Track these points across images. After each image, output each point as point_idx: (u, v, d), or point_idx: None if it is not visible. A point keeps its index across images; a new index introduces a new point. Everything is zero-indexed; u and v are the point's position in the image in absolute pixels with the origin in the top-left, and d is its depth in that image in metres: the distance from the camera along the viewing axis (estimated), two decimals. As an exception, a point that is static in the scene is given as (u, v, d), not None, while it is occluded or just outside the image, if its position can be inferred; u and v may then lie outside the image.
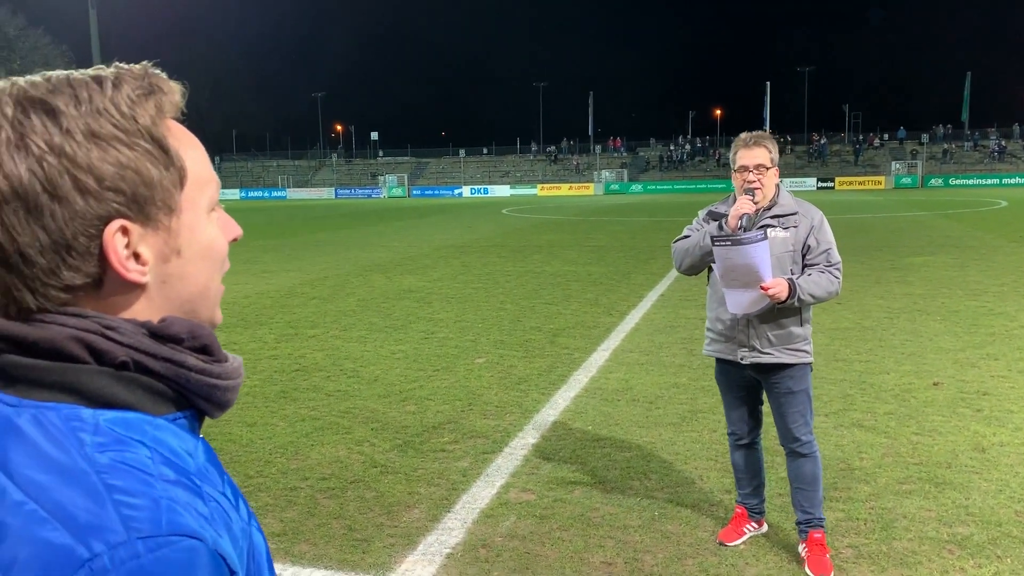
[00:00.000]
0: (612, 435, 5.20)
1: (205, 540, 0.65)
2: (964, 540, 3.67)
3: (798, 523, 3.63)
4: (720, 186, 63.32)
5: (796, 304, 3.40)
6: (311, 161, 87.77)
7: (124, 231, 0.71)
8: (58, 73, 0.73)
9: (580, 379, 6.57)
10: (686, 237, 3.68)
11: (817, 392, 5.97)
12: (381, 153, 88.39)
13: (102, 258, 0.71)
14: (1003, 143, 65.65)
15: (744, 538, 3.74)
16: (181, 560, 0.63)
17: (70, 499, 0.63)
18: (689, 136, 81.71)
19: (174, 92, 0.76)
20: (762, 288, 3.30)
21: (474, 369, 6.96)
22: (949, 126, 71.92)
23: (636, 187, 67.04)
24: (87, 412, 0.69)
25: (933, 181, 60.27)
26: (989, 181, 58.63)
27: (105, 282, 0.72)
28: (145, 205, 0.72)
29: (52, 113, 0.69)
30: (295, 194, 73.30)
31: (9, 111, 0.69)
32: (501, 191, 69.01)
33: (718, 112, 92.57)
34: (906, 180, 60.89)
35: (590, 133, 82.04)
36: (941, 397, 5.84)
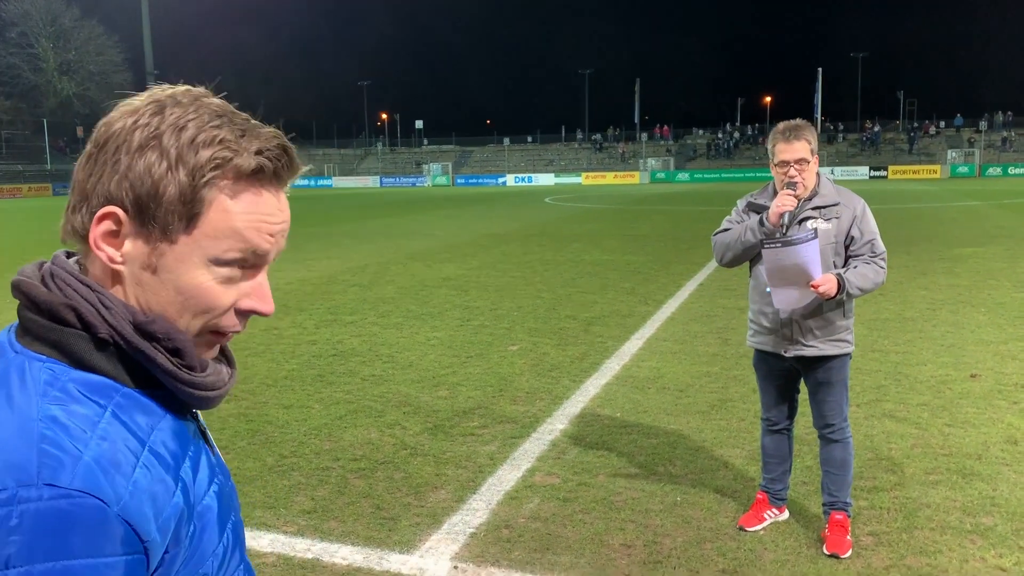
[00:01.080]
0: (640, 422, 5.24)
1: (108, 503, 0.72)
2: (987, 530, 3.65)
3: (824, 505, 3.67)
4: (768, 175, 61.83)
5: (844, 298, 3.40)
6: (356, 150, 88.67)
7: (117, 219, 0.81)
8: (222, 103, 0.85)
9: (612, 367, 6.61)
10: (726, 230, 3.66)
11: (851, 383, 5.92)
12: (426, 142, 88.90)
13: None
14: (1066, 130, 63.36)
15: (764, 524, 3.77)
16: (77, 514, 0.70)
17: (8, 439, 0.73)
18: (738, 123, 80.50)
19: (244, 156, 0.82)
20: (812, 286, 3.30)
21: (507, 356, 7.05)
22: (1009, 113, 69.65)
23: (683, 175, 66.38)
24: (62, 368, 0.79)
25: (991, 170, 58.51)
26: (1050, 170, 56.71)
27: (91, 249, 0.83)
28: (144, 212, 0.81)
29: (161, 111, 0.82)
30: (341, 182, 74.19)
31: (162, 96, 0.84)
32: (545, 180, 68.92)
33: (768, 99, 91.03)
34: (963, 169, 59.26)
35: (636, 121, 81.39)
36: (977, 389, 5.76)
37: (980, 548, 3.50)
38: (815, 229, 3.40)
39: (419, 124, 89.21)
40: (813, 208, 3.49)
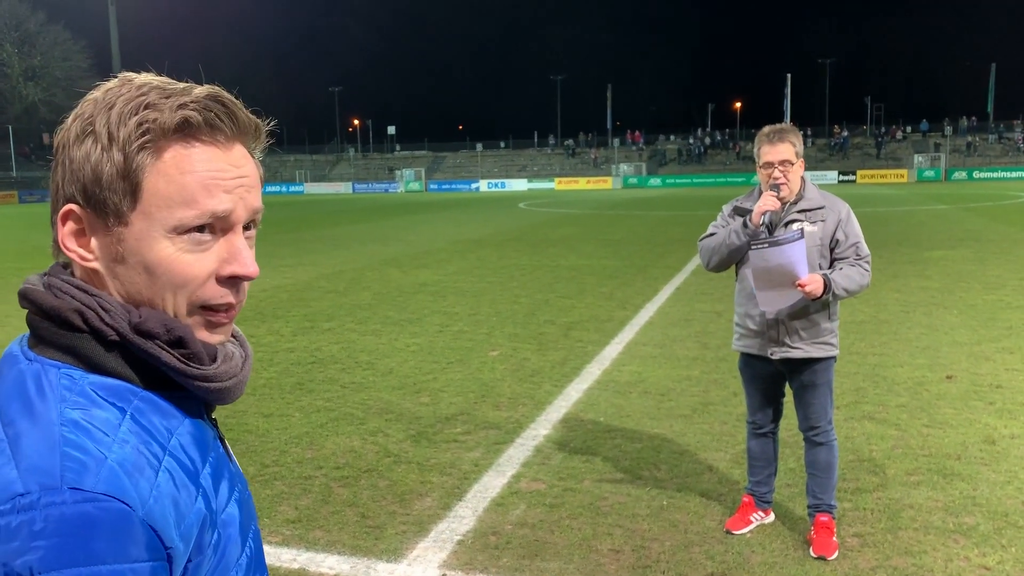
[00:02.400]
0: (623, 427, 5.25)
1: (133, 508, 0.70)
2: (970, 530, 3.69)
3: (808, 507, 3.69)
4: (739, 179, 62.97)
5: (830, 299, 3.43)
6: (328, 156, 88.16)
7: (75, 217, 0.80)
8: (156, 78, 0.82)
9: (593, 372, 6.62)
10: (712, 235, 3.68)
11: (829, 385, 5.99)
12: (398, 147, 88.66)
13: None
14: (1028, 135, 64.73)
15: (751, 527, 3.78)
16: (101, 518, 0.69)
17: (31, 444, 0.71)
18: (709, 129, 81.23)
19: (166, 112, 0.78)
20: (798, 285, 3.32)
21: (488, 361, 7.03)
22: (973, 118, 71.08)
23: (655, 181, 66.83)
24: (79, 374, 0.78)
25: (957, 174, 59.60)
26: (1014, 174, 57.88)
27: None
28: (92, 201, 0.79)
29: (93, 100, 0.81)
30: (312, 189, 73.71)
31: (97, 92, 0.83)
32: (518, 185, 69.02)
33: (738, 105, 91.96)
34: (929, 173, 60.29)
35: (608, 126, 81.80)
36: (954, 390, 5.84)
37: (964, 548, 3.54)
38: (801, 230, 3.43)
39: (391, 130, 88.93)
40: (799, 211, 3.53)
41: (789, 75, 68.20)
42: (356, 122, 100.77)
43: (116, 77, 0.83)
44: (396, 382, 6.41)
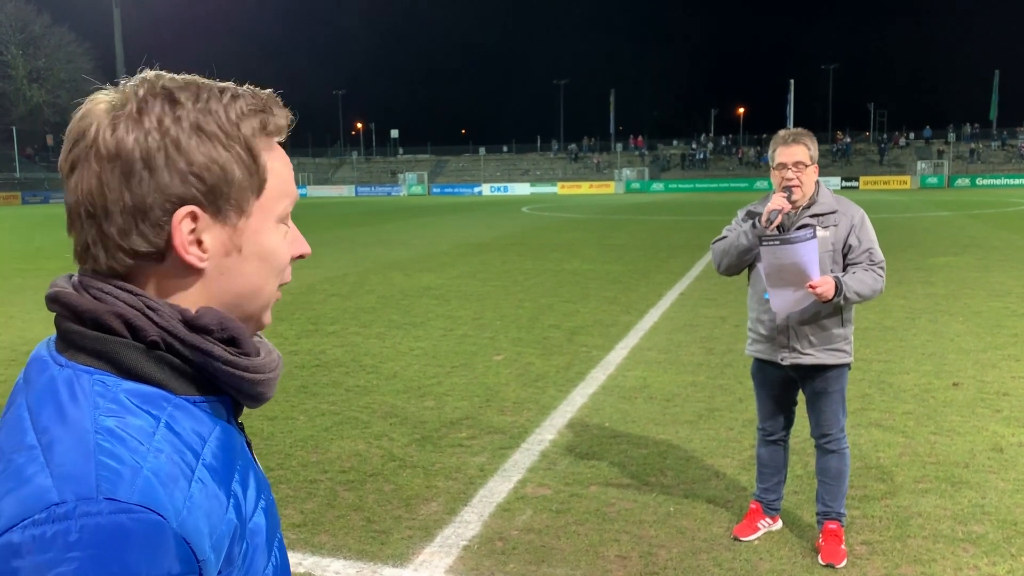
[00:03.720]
0: (629, 432, 5.23)
1: (167, 519, 0.69)
2: (979, 538, 3.67)
3: (817, 514, 3.67)
4: (742, 185, 62.92)
5: (841, 303, 3.39)
6: (331, 159, 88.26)
7: (193, 216, 0.79)
8: (197, 78, 0.84)
9: (598, 377, 6.60)
10: (724, 238, 3.66)
11: (835, 391, 5.96)
12: (401, 151, 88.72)
13: (169, 234, 0.79)
14: (1031, 142, 64.71)
15: (758, 534, 3.76)
16: (136, 530, 0.68)
17: (66, 452, 0.70)
18: (711, 135, 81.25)
19: (281, 117, 0.86)
20: (809, 287, 3.29)
21: (492, 366, 7.01)
22: (976, 125, 71.05)
23: (657, 186, 66.82)
24: (112, 380, 0.76)
25: (959, 181, 59.57)
26: (1017, 181, 57.85)
27: (167, 258, 0.80)
28: (219, 200, 0.80)
29: (173, 102, 0.79)
30: (315, 192, 73.78)
31: (141, 92, 0.80)
32: (521, 189, 69.04)
33: (741, 110, 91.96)
34: (932, 180, 60.25)
35: (611, 131, 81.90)
36: (960, 397, 5.82)
37: (973, 556, 3.51)
38: (814, 229, 3.41)
39: (394, 133, 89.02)
40: (811, 216, 3.51)
41: (792, 81, 68.21)
42: (359, 125, 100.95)
43: (136, 84, 0.80)
44: (401, 386, 6.40)
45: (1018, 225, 20.93)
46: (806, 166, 3.48)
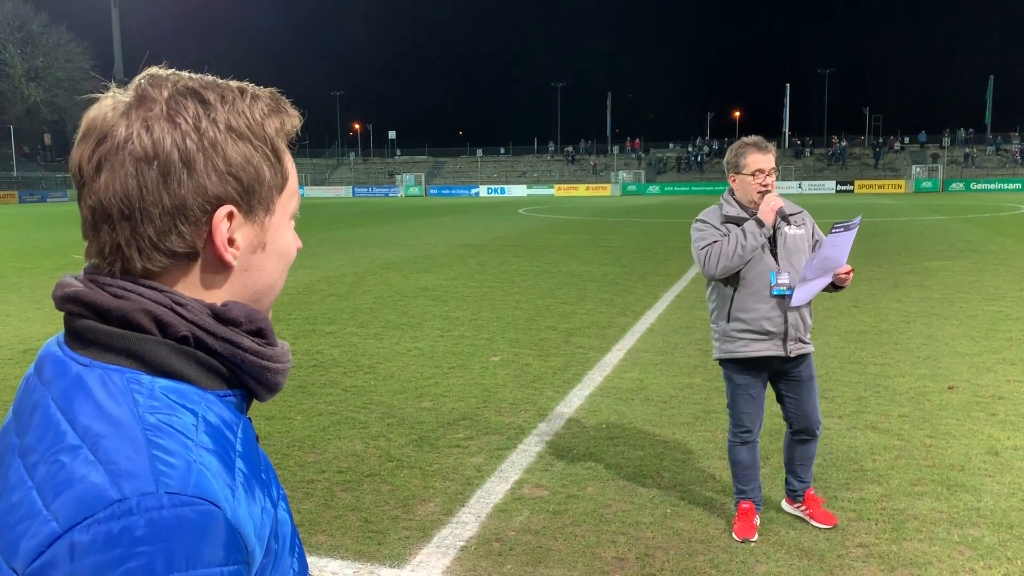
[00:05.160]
0: (625, 434, 5.24)
1: (224, 509, 0.71)
2: (975, 542, 3.68)
3: (792, 490, 3.95)
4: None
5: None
6: (329, 160, 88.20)
7: (230, 216, 0.81)
8: (208, 76, 0.85)
9: (594, 378, 6.61)
10: (714, 242, 3.68)
11: (832, 394, 5.99)
12: (399, 152, 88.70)
13: (207, 234, 0.80)
14: (1026, 147, 64.93)
15: (757, 531, 3.80)
16: (197, 521, 0.69)
17: (116, 448, 0.71)
18: (707, 138, 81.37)
19: (294, 117, 0.88)
20: (846, 273, 3.64)
21: (489, 367, 7.02)
22: (971, 130, 71.26)
23: (653, 188, 66.90)
24: (146, 378, 0.77)
25: (954, 185, 59.73)
26: (1011, 185, 58.03)
27: (201, 257, 0.81)
28: (252, 198, 0.82)
29: (203, 102, 0.80)
30: (313, 192, 73.72)
31: (166, 93, 0.79)
32: (518, 191, 69.07)
33: (737, 114, 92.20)
34: (927, 184, 60.41)
35: (608, 134, 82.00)
36: (956, 401, 5.84)
37: (969, 559, 3.53)
38: (860, 216, 3.75)
39: (392, 135, 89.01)
40: (788, 215, 3.76)
41: (788, 85, 68.43)
42: (357, 126, 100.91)
43: (152, 83, 0.81)
44: (398, 386, 6.40)
45: (1012, 229, 21.01)
46: (775, 171, 3.74)
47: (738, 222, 3.68)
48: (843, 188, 61.54)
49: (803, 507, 3.92)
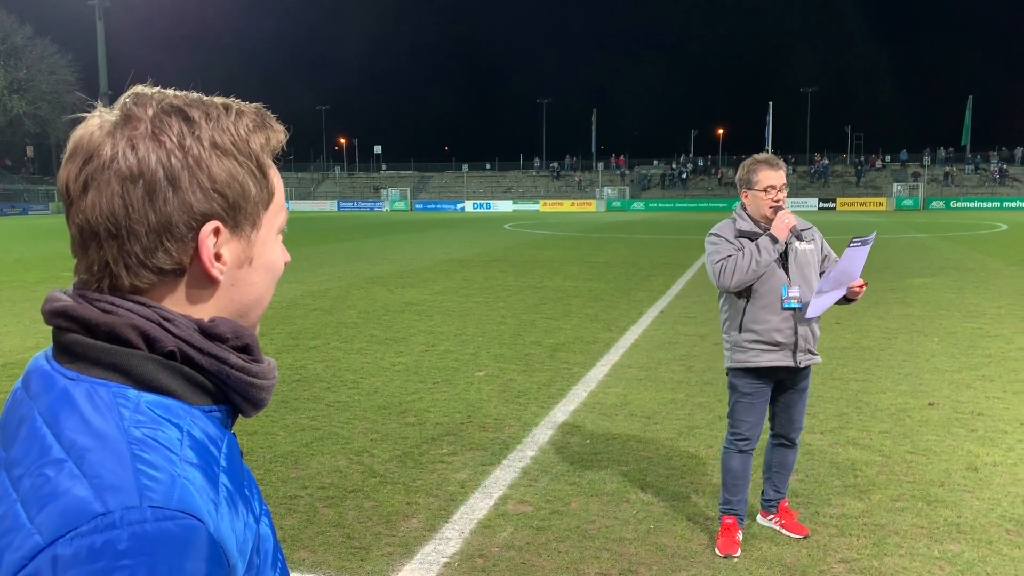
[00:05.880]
0: (609, 449, 5.24)
1: (207, 524, 0.71)
2: (955, 557, 3.71)
3: (767, 500, 4.03)
4: (721, 205, 63.44)
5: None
6: (314, 174, 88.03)
7: (216, 232, 0.82)
8: (193, 94, 0.86)
9: (579, 393, 6.62)
10: (729, 256, 3.77)
11: (814, 410, 6.03)
12: (384, 167, 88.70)
13: (193, 250, 0.81)
14: (1004, 167, 65.83)
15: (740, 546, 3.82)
16: (180, 535, 0.69)
17: (101, 462, 0.71)
18: (691, 155, 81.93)
19: (280, 132, 0.89)
20: (860, 286, 3.74)
21: (474, 382, 7.01)
22: (951, 149, 72.17)
23: (638, 204, 67.22)
24: (132, 392, 0.77)
25: (934, 203, 60.41)
26: (990, 204, 58.76)
27: (188, 273, 0.82)
28: (238, 214, 0.83)
29: (188, 120, 0.81)
30: (297, 206, 73.51)
31: (151, 112, 0.80)
32: (503, 206, 69.20)
33: (720, 131, 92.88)
34: (908, 202, 61.05)
35: (593, 150, 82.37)
36: (936, 417, 5.89)
37: (949, 575, 3.55)
38: (875, 232, 3.83)
39: (378, 149, 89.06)
40: (798, 232, 3.82)
41: (771, 103, 69.08)
42: (343, 141, 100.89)
43: (136, 102, 0.81)
44: (382, 401, 6.38)
45: (992, 247, 21.27)
46: (785, 187, 3.81)
47: (751, 237, 3.79)
48: (825, 205, 62.08)
49: (776, 518, 4.00)
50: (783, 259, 3.79)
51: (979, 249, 20.78)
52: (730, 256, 3.76)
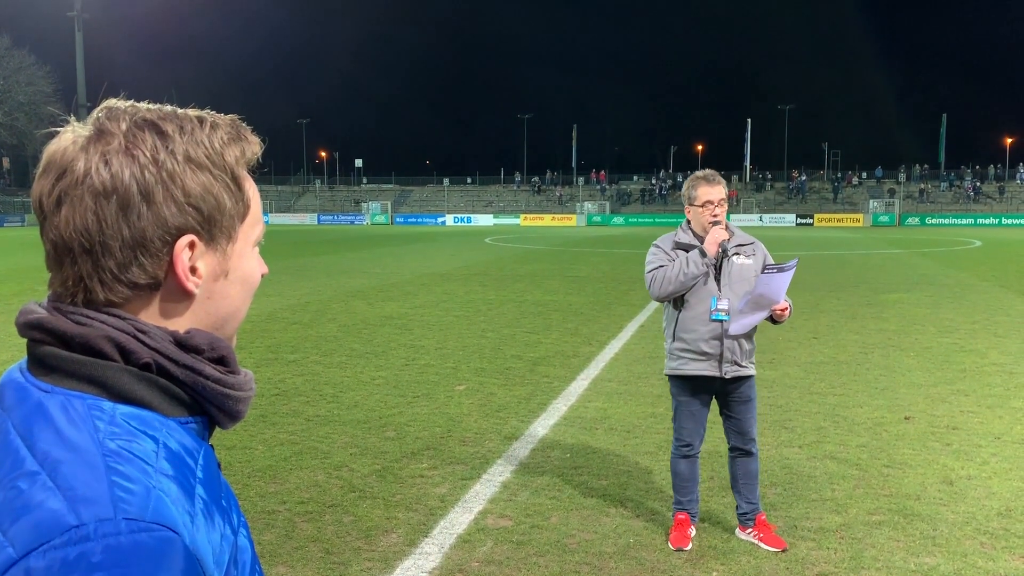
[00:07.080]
0: (589, 463, 5.25)
1: (182, 536, 0.71)
2: (930, 570, 3.75)
3: (743, 513, 4.07)
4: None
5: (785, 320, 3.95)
6: (294, 187, 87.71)
7: (191, 245, 0.82)
8: (167, 107, 0.86)
9: (559, 407, 6.63)
10: (661, 266, 3.99)
11: (791, 424, 6.07)
12: (365, 180, 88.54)
13: (168, 264, 0.81)
14: (978, 184, 66.89)
15: (691, 541, 4.03)
16: (154, 547, 0.69)
17: (74, 474, 0.71)
18: (671, 171, 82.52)
19: (255, 144, 0.89)
20: (781, 309, 3.84)
21: (454, 396, 7.00)
22: (926, 166, 73.21)
23: (618, 219, 67.54)
24: (108, 404, 0.77)
25: (910, 220, 61.20)
26: (964, 221, 59.63)
27: (163, 286, 0.82)
28: (213, 227, 0.83)
29: (161, 134, 0.80)
30: (277, 219, 73.14)
31: (124, 126, 0.80)
32: (484, 220, 69.26)
33: (699, 147, 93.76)
34: (884, 218, 61.79)
35: (573, 165, 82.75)
36: (912, 431, 5.95)
37: (925, 587, 3.58)
38: (797, 258, 3.93)
39: (359, 163, 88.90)
40: (736, 246, 3.95)
41: (749, 120, 69.84)
42: (323, 154, 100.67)
43: (108, 116, 0.81)
44: (361, 416, 6.35)
45: (966, 263, 21.56)
46: (724, 202, 3.96)
47: (687, 249, 3.97)
48: (803, 221, 62.68)
49: (754, 532, 4.05)
50: (717, 272, 3.95)
51: (954, 265, 21.07)
52: (662, 266, 3.95)
